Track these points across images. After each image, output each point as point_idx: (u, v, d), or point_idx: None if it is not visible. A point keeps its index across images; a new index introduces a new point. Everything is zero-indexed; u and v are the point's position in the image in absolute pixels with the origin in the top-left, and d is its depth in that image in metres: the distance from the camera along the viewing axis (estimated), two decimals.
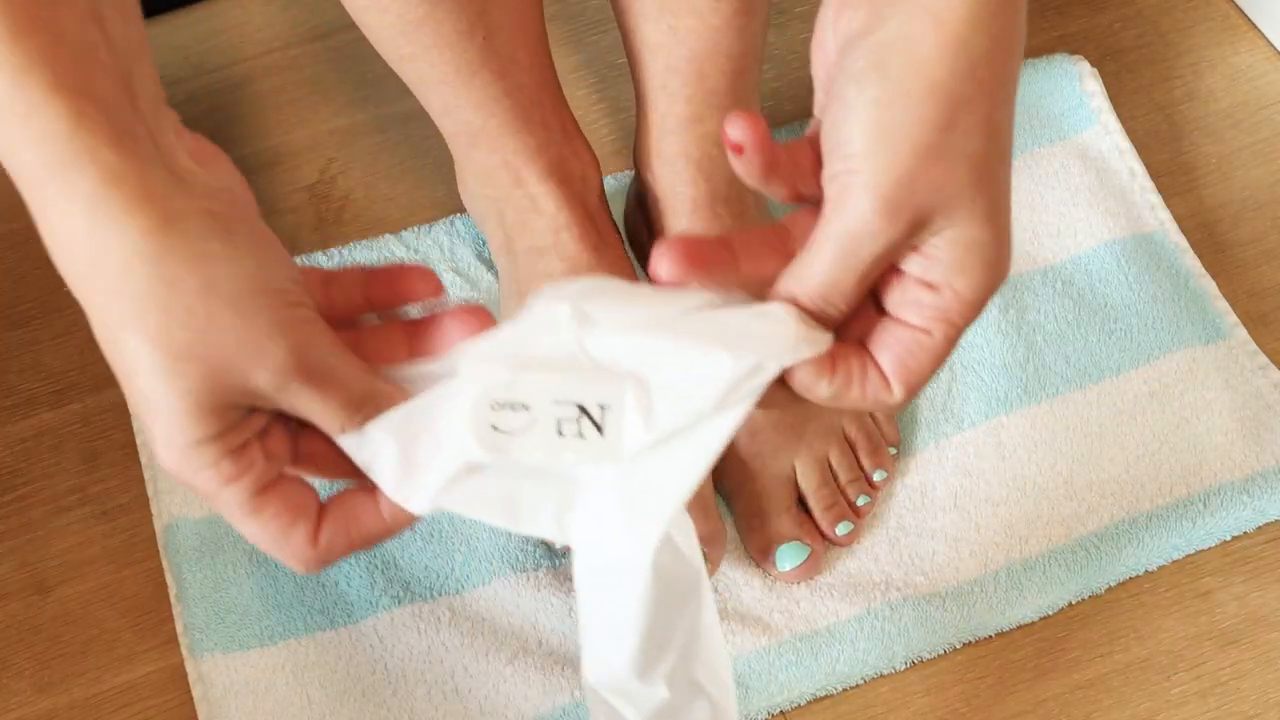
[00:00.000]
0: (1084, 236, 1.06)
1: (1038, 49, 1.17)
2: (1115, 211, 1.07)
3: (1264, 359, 1.02)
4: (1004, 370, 1.01)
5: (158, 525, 0.98)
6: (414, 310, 0.66)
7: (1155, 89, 1.15)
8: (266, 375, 0.59)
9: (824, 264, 0.61)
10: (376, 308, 0.65)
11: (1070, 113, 1.11)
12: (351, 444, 0.62)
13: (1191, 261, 1.05)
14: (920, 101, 0.58)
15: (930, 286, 0.62)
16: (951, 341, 0.63)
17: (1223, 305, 1.04)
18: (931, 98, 0.58)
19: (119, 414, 1.04)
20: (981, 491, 0.98)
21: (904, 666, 0.93)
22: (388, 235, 1.09)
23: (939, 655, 0.94)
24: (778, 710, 0.92)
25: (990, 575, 0.95)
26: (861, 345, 0.64)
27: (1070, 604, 0.95)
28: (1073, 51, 1.16)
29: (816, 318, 0.62)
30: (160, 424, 0.59)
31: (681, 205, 0.99)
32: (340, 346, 0.61)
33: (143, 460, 1.01)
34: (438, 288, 0.65)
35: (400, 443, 0.62)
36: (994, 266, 0.61)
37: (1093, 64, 1.14)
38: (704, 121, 0.97)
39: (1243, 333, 1.03)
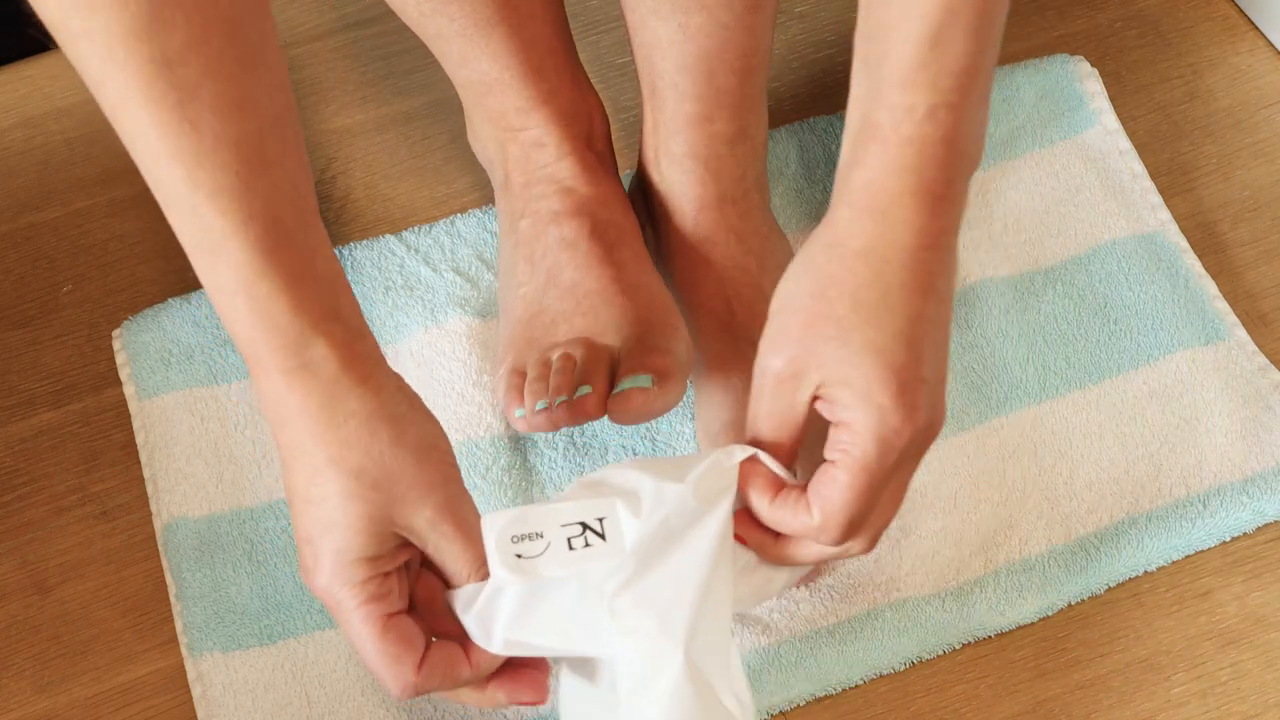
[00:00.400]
0: (1084, 237, 1.06)
1: (1038, 49, 1.17)
2: (1116, 212, 1.07)
3: (1264, 360, 1.02)
4: (1004, 370, 1.01)
5: (157, 524, 0.98)
6: None
7: (1155, 89, 1.15)
8: (427, 515, 0.76)
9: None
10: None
11: (1071, 113, 1.11)
12: (458, 595, 0.78)
13: (1192, 262, 1.05)
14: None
15: (837, 425, 0.76)
16: (861, 473, 0.75)
17: (1223, 306, 1.04)
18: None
19: (119, 414, 1.04)
20: (981, 492, 0.98)
21: (904, 667, 0.93)
22: (388, 235, 1.09)
23: (939, 655, 0.94)
24: (777, 710, 0.92)
25: (990, 576, 0.95)
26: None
27: (1070, 604, 0.95)
28: (1073, 52, 1.16)
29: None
30: (333, 540, 0.75)
31: (689, 205, 0.99)
32: (475, 512, 0.78)
33: (143, 459, 1.01)
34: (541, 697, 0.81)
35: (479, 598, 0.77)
36: (881, 403, 0.74)
37: (1093, 64, 1.14)
38: (713, 120, 0.96)
39: (1243, 333, 1.03)
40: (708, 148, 0.97)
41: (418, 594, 0.79)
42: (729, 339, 0.98)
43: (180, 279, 1.08)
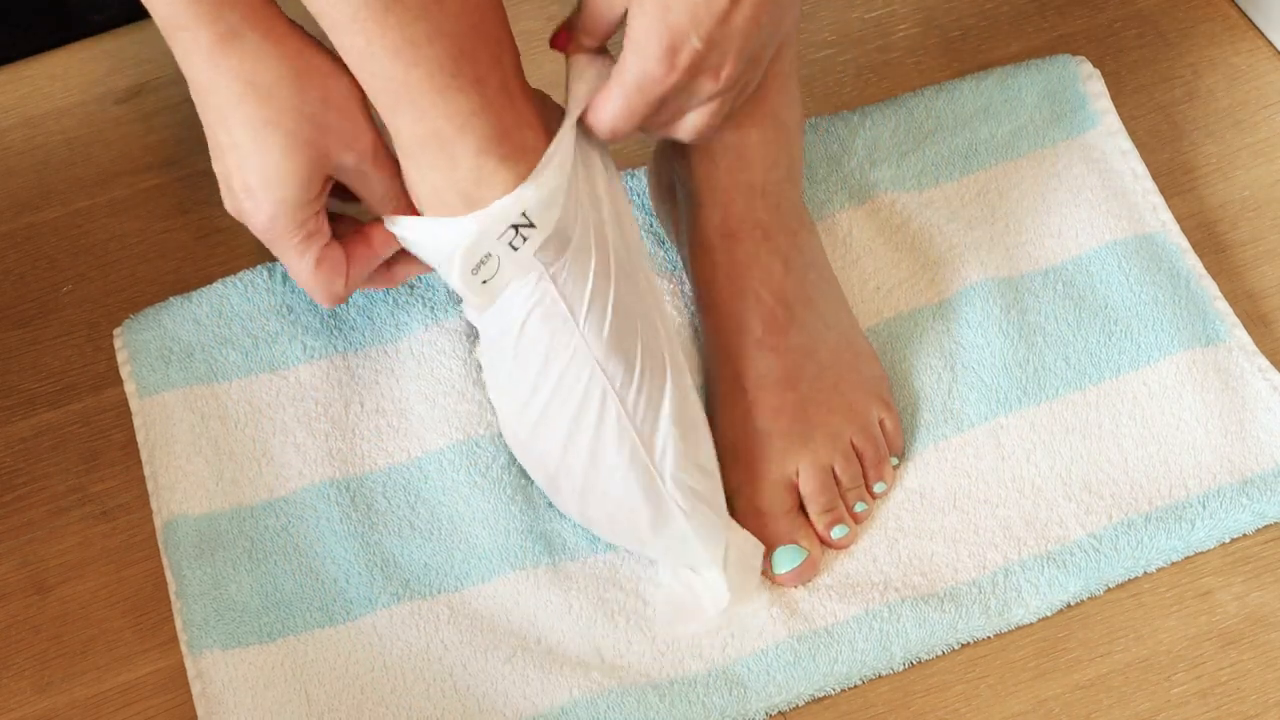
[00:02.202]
0: (1085, 237, 1.06)
1: (1038, 49, 1.17)
2: (1117, 213, 1.07)
3: (1264, 361, 1.02)
4: (1004, 371, 1.01)
5: (157, 522, 0.98)
6: None
7: (1155, 89, 1.15)
8: (354, 156, 0.87)
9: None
10: None
11: (1072, 113, 1.11)
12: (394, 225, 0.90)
13: (1192, 263, 1.05)
14: None
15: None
16: (622, 94, 0.85)
17: (1223, 307, 1.04)
18: None
19: (119, 414, 1.04)
20: (980, 492, 0.98)
21: (902, 667, 0.93)
22: None
23: (939, 655, 0.94)
24: (776, 711, 0.92)
25: (988, 577, 0.95)
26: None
27: (1070, 604, 0.95)
28: (1073, 51, 1.16)
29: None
30: (276, 191, 0.86)
31: (718, 195, 0.97)
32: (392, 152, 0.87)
33: (143, 457, 1.01)
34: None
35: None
36: (647, 54, 0.83)
37: (1093, 64, 1.14)
38: (739, 110, 0.94)
39: (1243, 335, 1.03)
40: (735, 133, 0.95)
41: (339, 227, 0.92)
42: (744, 342, 0.97)
43: (180, 279, 1.08)
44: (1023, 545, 0.96)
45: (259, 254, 1.08)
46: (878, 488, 0.98)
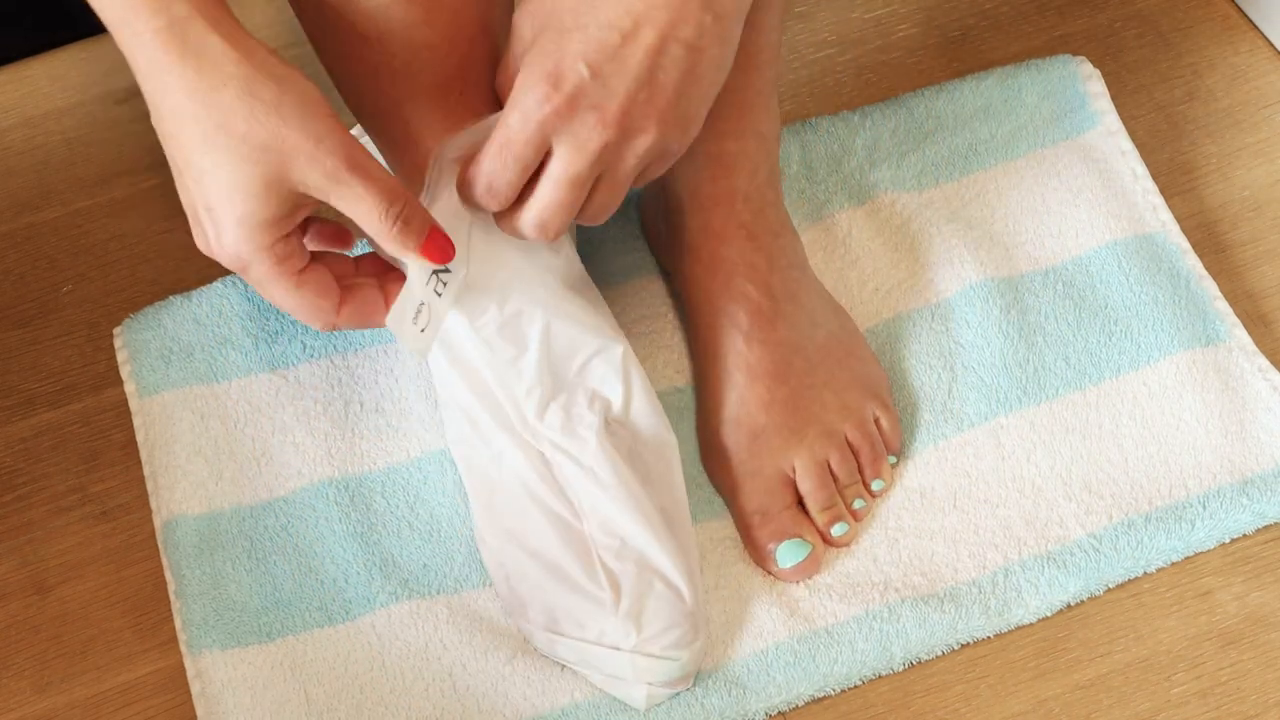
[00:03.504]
0: (1085, 237, 1.06)
1: (1038, 49, 1.17)
2: (1117, 213, 1.07)
3: (1264, 361, 1.02)
4: (1004, 371, 1.01)
5: (157, 522, 0.98)
6: None
7: (1155, 89, 1.15)
8: (323, 169, 0.78)
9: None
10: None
11: (1072, 113, 1.11)
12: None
13: (1193, 263, 1.05)
14: None
15: None
16: (501, 128, 0.81)
17: (1223, 307, 1.04)
18: None
19: (119, 414, 1.04)
20: (980, 492, 0.98)
21: (902, 667, 0.93)
22: None
23: (939, 655, 0.94)
24: (776, 711, 0.92)
25: (988, 577, 0.95)
26: None
27: (1070, 604, 0.95)
28: (1073, 51, 1.16)
29: None
30: (235, 207, 0.79)
31: (702, 201, 0.98)
32: (375, 158, 0.80)
33: (143, 457, 1.01)
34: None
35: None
36: (533, 78, 0.79)
37: (1093, 64, 1.14)
38: (723, 118, 0.96)
39: (1243, 335, 1.03)
40: (717, 145, 0.97)
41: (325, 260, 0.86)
42: (732, 335, 0.98)
43: (180, 279, 1.08)
44: (1023, 545, 0.96)
45: None
46: (876, 485, 0.98)
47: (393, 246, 0.83)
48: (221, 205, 0.79)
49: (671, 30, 0.79)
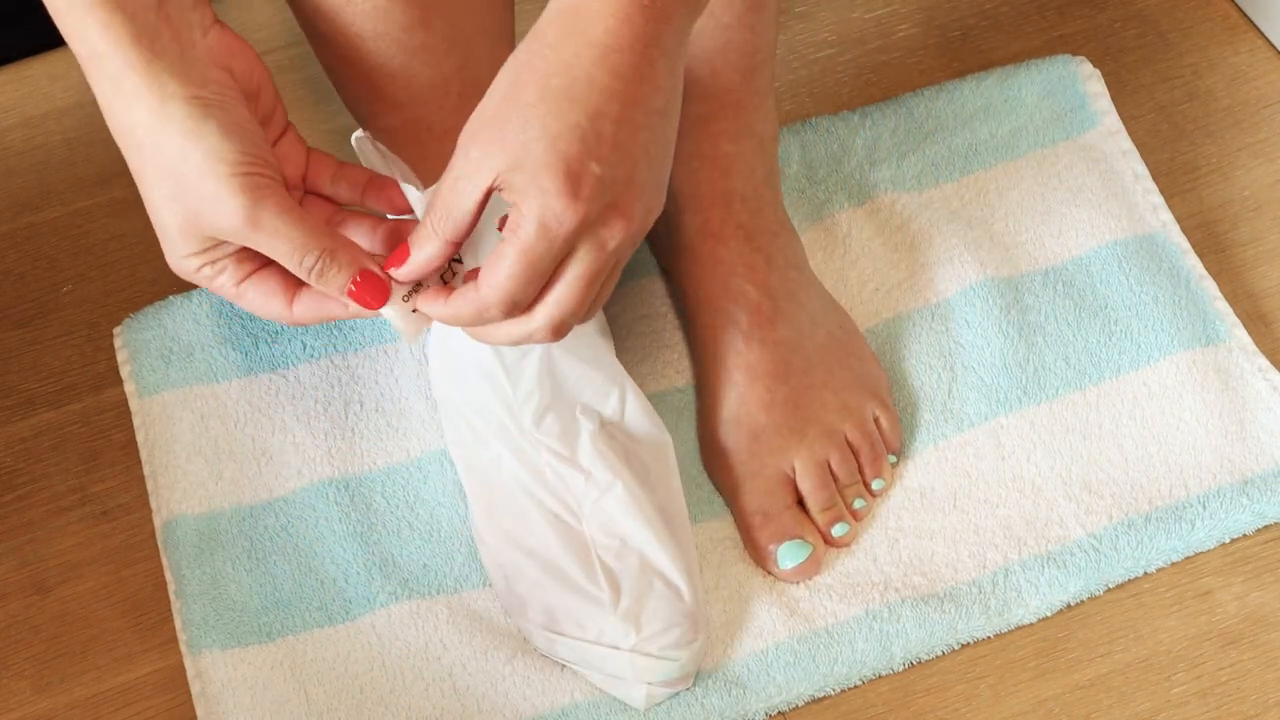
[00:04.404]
0: (1085, 237, 1.06)
1: (1038, 49, 1.17)
2: (1117, 213, 1.07)
3: (1264, 361, 1.02)
4: (1004, 371, 1.01)
5: (157, 522, 0.98)
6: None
7: (1155, 89, 1.15)
8: (227, 226, 0.78)
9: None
10: (364, 204, 0.87)
11: (1073, 113, 1.11)
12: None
13: (1193, 263, 1.05)
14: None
15: (511, 208, 0.77)
16: (521, 253, 0.76)
17: (1223, 307, 1.04)
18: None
19: (119, 414, 1.04)
20: (980, 492, 0.98)
21: (902, 667, 0.93)
22: None
23: (939, 655, 0.94)
24: (776, 711, 0.92)
25: (988, 577, 0.95)
26: None
27: (1070, 604, 0.95)
28: (1073, 51, 1.16)
29: None
30: (163, 242, 0.81)
31: (700, 202, 0.98)
32: (290, 209, 0.78)
33: (143, 457, 1.01)
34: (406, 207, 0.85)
35: None
36: (545, 187, 0.75)
37: (1093, 64, 1.14)
38: (718, 119, 0.96)
39: (1243, 335, 1.03)
40: (714, 146, 0.97)
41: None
42: (732, 335, 0.98)
43: (180, 278, 1.08)
44: (1023, 545, 0.96)
45: None
46: (876, 485, 0.98)
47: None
48: (160, 231, 0.80)
49: (646, 103, 0.77)
